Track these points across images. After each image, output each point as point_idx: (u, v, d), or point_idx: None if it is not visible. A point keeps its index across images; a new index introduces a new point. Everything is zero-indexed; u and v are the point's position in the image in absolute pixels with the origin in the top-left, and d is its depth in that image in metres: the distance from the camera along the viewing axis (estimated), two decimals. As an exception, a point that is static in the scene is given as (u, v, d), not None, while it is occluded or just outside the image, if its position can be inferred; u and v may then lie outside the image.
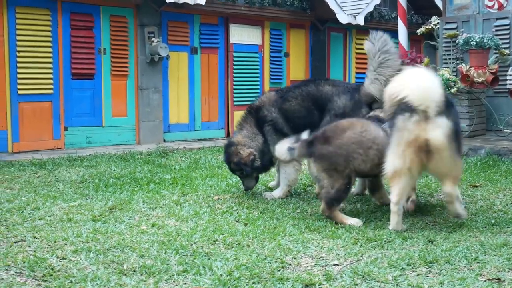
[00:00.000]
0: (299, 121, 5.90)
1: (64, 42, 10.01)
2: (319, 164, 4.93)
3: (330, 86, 5.97)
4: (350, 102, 5.80)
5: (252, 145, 6.01)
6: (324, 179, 4.91)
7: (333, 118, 5.71)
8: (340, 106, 5.83)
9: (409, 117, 4.45)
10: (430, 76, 4.53)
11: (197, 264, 3.70)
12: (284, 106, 6.03)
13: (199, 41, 11.79)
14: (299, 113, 5.98)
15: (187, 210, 5.36)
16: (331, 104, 5.87)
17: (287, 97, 6.06)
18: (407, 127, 4.45)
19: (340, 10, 13.07)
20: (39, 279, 3.40)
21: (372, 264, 3.68)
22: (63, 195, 6.07)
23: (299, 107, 6.00)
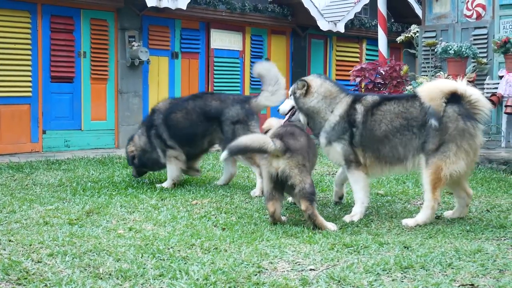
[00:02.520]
0: (179, 131, 6.74)
1: (44, 44, 9.96)
2: (294, 159, 4.86)
3: (218, 101, 6.76)
4: (242, 111, 6.62)
5: (137, 144, 6.92)
6: (296, 176, 4.83)
7: (231, 125, 6.57)
8: (234, 115, 6.62)
9: None
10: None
11: (173, 268, 3.69)
12: (170, 115, 6.81)
13: (180, 45, 11.79)
14: (182, 124, 6.76)
15: (165, 214, 5.35)
16: (224, 116, 6.63)
17: (175, 108, 6.85)
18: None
19: (321, 17, 13.14)
20: (13, 282, 3.37)
21: (348, 269, 3.70)
22: (40, 198, 6.02)
23: (183, 119, 6.77)
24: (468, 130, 4.94)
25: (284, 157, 4.87)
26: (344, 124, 5.37)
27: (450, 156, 4.93)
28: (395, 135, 5.21)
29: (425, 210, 5.08)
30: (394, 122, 5.21)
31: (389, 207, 5.77)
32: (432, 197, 5.01)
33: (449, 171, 4.92)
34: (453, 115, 4.96)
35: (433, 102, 4.98)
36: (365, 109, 5.34)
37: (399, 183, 7.01)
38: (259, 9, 12.65)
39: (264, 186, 5.08)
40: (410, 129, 5.16)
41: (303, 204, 4.84)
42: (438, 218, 5.31)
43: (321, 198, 6.26)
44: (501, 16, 10.07)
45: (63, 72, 10.21)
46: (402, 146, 5.20)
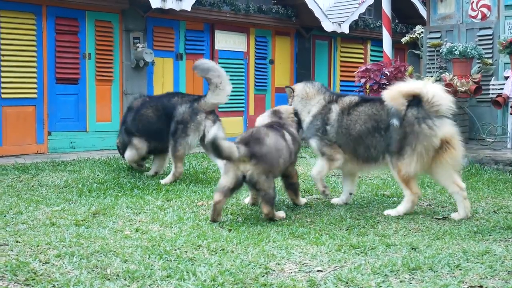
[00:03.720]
0: (147, 125, 7.41)
1: (49, 46, 9.97)
2: (260, 165, 5.00)
3: (177, 98, 7.33)
4: (189, 110, 7.11)
5: (120, 137, 7.84)
6: (263, 183, 5.02)
7: (176, 124, 7.11)
8: (180, 113, 7.13)
9: None
10: None
11: (180, 269, 3.69)
12: (141, 111, 7.51)
13: (185, 47, 11.80)
14: (151, 119, 7.42)
15: (171, 215, 5.35)
16: (175, 112, 7.18)
17: (146, 105, 7.54)
18: None
19: (325, 18, 13.14)
20: (21, 283, 3.37)
21: (356, 270, 3.70)
22: (46, 199, 6.03)
23: (152, 114, 7.42)
24: (422, 132, 5.30)
25: (251, 163, 5.00)
26: (317, 122, 5.86)
27: (405, 158, 5.38)
28: (367, 135, 5.64)
29: (406, 203, 5.51)
30: (367, 123, 5.64)
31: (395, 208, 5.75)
32: (408, 192, 5.48)
33: (406, 171, 5.39)
34: (411, 119, 5.36)
35: (394, 102, 5.41)
36: (340, 109, 5.77)
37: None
38: (263, 10, 12.66)
39: (222, 184, 5.09)
40: (379, 131, 5.58)
41: (266, 209, 5.10)
42: (445, 219, 5.30)
43: (327, 199, 6.25)
44: (506, 17, 10.06)
45: (68, 74, 10.23)
46: (373, 146, 5.63)
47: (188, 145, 7.14)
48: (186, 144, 7.11)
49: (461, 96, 9.55)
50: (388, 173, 7.85)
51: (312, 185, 7.02)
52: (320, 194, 6.04)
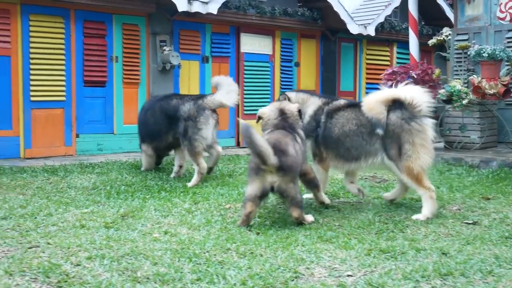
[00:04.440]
0: (151, 126, 7.82)
1: (77, 49, 10.07)
2: (287, 176, 5.05)
3: (177, 99, 7.64)
4: (194, 107, 7.37)
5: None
6: (291, 190, 5.06)
7: (183, 122, 7.35)
8: (186, 111, 7.39)
9: None
10: None
11: (210, 272, 3.70)
12: (147, 112, 7.94)
13: (211, 50, 11.84)
14: (152, 119, 7.81)
15: (199, 218, 5.36)
16: (179, 112, 7.42)
17: (148, 107, 8.03)
18: None
19: (351, 21, 13.09)
20: (54, 285, 3.41)
21: (386, 275, 3.67)
22: (75, 201, 6.09)
23: (153, 117, 7.79)
24: (414, 128, 5.48)
25: (278, 175, 5.02)
26: (312, 123, 6.11)
27: (411, 155, 5.48)
28: (348, 138, 5.88)
29: (426, 202, 5.52)
30: (346, 127, 5.89)
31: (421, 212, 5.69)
32: (423, 190, 5.53)
33: (418, 166, 5.46)
34: (397, 121, 5.53)
35: (373, 111, 5.60)
36: (327, 111, 6.04)
37: (433, 188, 6.93)
38: (289, 13, 12.65)
39: (250, 194, 5.08)
40: (360, 135, 5.80)
41: (296, 212, 5.12)
42: (475, 224, 5.24)
43: (355, 203, 6.23)
44: (536, 19, 9.93)
45: (96, 77, 10.32)
46: (354, 149, 5.85)
47: (204, 139, 7.29)
48: (202, 139, 7.28)
49: (490, 99, 9.44)
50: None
51: (340, 188, 7.00)
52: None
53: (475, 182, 7.28)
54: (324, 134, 6.01)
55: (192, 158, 7.29)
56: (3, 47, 9.32)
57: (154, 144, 7.85)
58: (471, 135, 9.56)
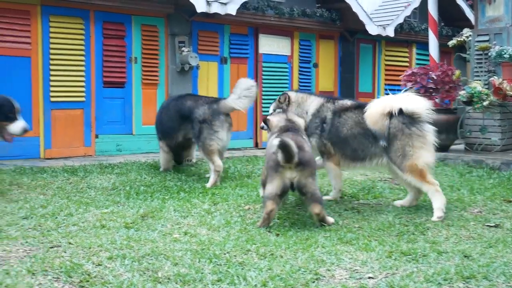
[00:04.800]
0: (165, 124, 8.06)
1: (96, 50, 10.12)
2: (306, 170, 5.11)
3: (191, 101, 7.77)
4: (209, 111, 7.49)
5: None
6: (310, 185, 5.11)
7: (198, 124, 7.47)
8: (201, 114, 7.50)
9: None
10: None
11: (231, 273, 3.70)
12: (163, 110, 8.28)
13: (229, 51, 11.84)
14: (166, 118, 8.05)
15: (219, 219, 5.37)
16: (193, 114, 7.54)
17: (164, 106, 8.41)
18: None
19: (369, 22, 13.03)
20: (76, 284, 3.42)
21: (408, 278, 3.65)
22: (95, 201, 6.13)
23: (167, 116, 8.04)
24: (414, 132, 5.69)
25: (297, 169, 5.08)
26: (316, 120, 6.26)
27: (413, 155, 5.67)
28: (356, 140, 6.04)
29: (434, 197, 5.67)
30: (354, 129, 6.05)
31: (445, 214, 5.65)
32: (428, 185, 5.70)
33: (421, 163, 5.67)
34: (399, 125, 5.71)
35: (376, 125, 5.78)
36: (334, 110, 6.20)
37: (453, 190, 6.88)
38: (307, 14, 12.62)
39: (270, 192, 5.11)
40: (367, 137, 5.96)
41: (317, 208, 5.13)
42: (497, 227, 5.20)
43: (374, 205, 6.20)
44: (558, 19, 9.82)
45: (115, 78, 10.36)
46: (361, 150, 6.03)
47: (220, 140, 7.42)
48: (218, 139, 7.40)
49: (511, 100, 9.36)
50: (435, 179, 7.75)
51: (359, 190, 6.97)
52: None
53: (496, 184, 7.22)
54: (331, 131, 6.14)
55: (207, 156, 7.41)
56: (24, 48, 9.39)
57: (167, 141, 8.07)
58: (492, 136, 9.48)
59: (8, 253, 4.01)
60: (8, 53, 9.24)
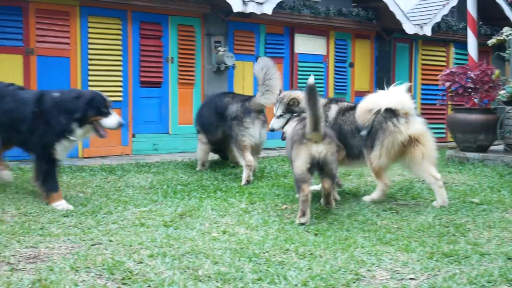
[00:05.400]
0: (206, 119, 8.21)
1: (134, 50, 10.21)
2: (331, 146, 5.39)
3: (228, 98, 7.93)
4: (241, 108, 7.64)
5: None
6: (333, 163, 5.38)
7: (230, 121, 7.65)
8: (233, 111, 7.68)
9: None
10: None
11: (271, 272, 3.69)
12: (204, 106, 8.51)
13: (265, 50, 11.84)
14: (206, 113, 8.24)
15: (256, 218, 5.37)
16: (227, 111, 7.74)
17: (206, 101, 8.66)
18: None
19: (406, 21, 12.90)
20: (118, 281, 3.45)
21: (451, 280, 3.60)
22: (133, 200, 6.17)
23: (207, 112, 8.24)
24: (388, 129, 6.00)
25: (324, 143, 5.33)
26: None
27: (375, 151, 6.08)
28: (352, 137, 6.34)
29: (377, 192, 6.26)
30: (352, 126, 6.37)
31: (486, 216, 5.57)
32: (380, 182, 6.23)
33: (376, 163, 6.10)
34: (380, 118, 6.07)
35: (360, 118, 6.23)
36: (338, 109, 6.53)
37: (493, 191, 6.77)
38: (343, 13, 12.55)
39: (299, 168, 5.32)
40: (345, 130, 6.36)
41: (327, 183, 5.41)
42: (540, 229, 5.10)
43: (413, 205, 6.14)
44: None
45: (152, 77, 10.45)
46: (355, 147, 6.33)
47: (251, 136, 7.53)
48: (249, 135, 7.53)
49: (552, 100, 9.18)
50: (475, 179, 7.65)
51: (397, 190, 6.91)
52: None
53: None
54: (333, 129, 6.23)
55: (239, 152, 7.55)
56: (63, 48, 9.53)
57: (206, 135, 8.26)
58: (533, 137, 9.31)
59: (51, 250, 4.07)
60: (48, 54, 9.39)
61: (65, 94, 5.91)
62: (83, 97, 5.77)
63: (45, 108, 5.81)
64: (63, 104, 5.76)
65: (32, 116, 5.81)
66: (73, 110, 5.70)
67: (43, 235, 4.52)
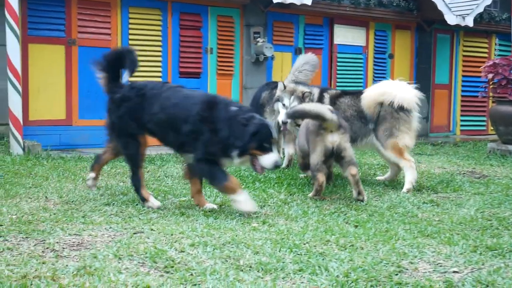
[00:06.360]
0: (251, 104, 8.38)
1: (173, 41, 10.28)
2: (345, 135, 5.71)
3: (265, 86, 8.35)
4: (267, 96, 7.96)
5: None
6: (348, 149, 5.69)
7: (259, 107, 7.97)
8: (261, 98, 8.08)
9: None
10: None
11: (312, 263, 3.68)
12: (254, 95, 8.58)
13: (304, 41, 11.79)
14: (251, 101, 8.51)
15: (295, 209, 5.36)
16: (259, 99, 8.14)
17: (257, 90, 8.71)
18: None
19: (448, 11, 12.69)
20: (161, 270, 3.48)
21: (496, 273, 3.54)
22: (172, 190, 6.21)
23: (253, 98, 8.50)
24: (401, 118, 6.51)
25: (339, 132, 5.66)
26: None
27: (398, 135, 6.54)
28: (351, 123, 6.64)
29: (408, 171, 6.49)
30: (347, 112, 6.80)
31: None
32: (404, 161, 6.51)
33: (402, 143, 6.52)
34: (389, 109, 6.54)
35: (369, 110, 6.64)
36: (330, 97, 6.95)
37: (537, 185, 6.64)
38: (383, 4, 12.41)
39: (315, 160, 5.73)
40: (359, 119, 6.78)
41: (353, 170, 5.67)
42: None
43: (454, 198, 6.06)
44: None
45: (191, 68, 10.50)
46: (353, 132, 6.59)
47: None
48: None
49: None
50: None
51: (438, 182, 6.83)
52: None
53: None
54: None
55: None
56: (104, 39, 9.64)
57: None
58: None
59: (94, 238, 4.13)
60: (89, 44, 9.52)
61: (239, 114, 5.06)
62: (251, 126, 4.96)
63: (217, 116, 5.10)
64: (235, 124, 5.01)
65: (199, 119, 5.11)
66: (238, 136, 4.97)
67: (85, 223, 4.58)
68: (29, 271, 3.35)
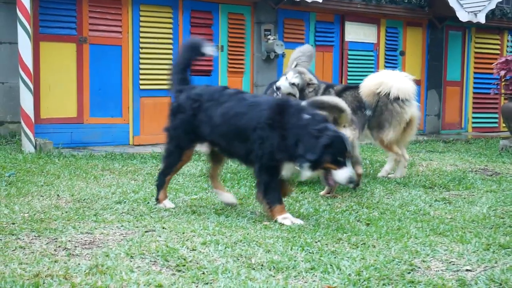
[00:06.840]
0: None
1: (184, 38, 10.26)
2: (356, 132, 5.81)
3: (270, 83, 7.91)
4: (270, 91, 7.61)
5: None
6: (355, 148, 5.80)
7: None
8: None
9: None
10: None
11: (324, 262, 3.67)
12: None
13: (315, 38, 11.76)
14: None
15: (307, 207, 5.35)
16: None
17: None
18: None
19: (460, 8, 12.61)
20: (173, 268, 3.48)
21: (509, 272, 3.51)
22: (183, 188, 6.22)
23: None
24: (394, 109, 6.84)
25: (351, 128, 5.70)
26: None
27: (385, 130, 6.91)
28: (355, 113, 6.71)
29: (389, 162, 7.21)
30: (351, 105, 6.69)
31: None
32: (391, 153, 7.07)
33: (387, 139, 6.90)
34: (385, 99, 6.88)
35: (368, 98, 6.91)
36: (335, 93, 7.00)
37: (551, 182, 6.59)
38: (395, 1, 12.35)
39: None
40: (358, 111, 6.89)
41: (360, 169, 5.99)
42: None
43: (466, 196, 6.03)
44: None
45: (202, 66, 10.48)
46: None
47: None
48: None
49: None
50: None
51: (449, 180, 6.80)
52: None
53: None
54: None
55: None
56: (115, 37, 9.66)
57: None
58: None
59: (106, 236, 4.13)
60: (100, 42, 9.54)
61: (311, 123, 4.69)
62: (325, 138, 4.58)
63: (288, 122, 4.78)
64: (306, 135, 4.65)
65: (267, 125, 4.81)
66: (310, 148, 4.60)
67: (97, 221, 4.59)
68: (41, 270, 3.36)
